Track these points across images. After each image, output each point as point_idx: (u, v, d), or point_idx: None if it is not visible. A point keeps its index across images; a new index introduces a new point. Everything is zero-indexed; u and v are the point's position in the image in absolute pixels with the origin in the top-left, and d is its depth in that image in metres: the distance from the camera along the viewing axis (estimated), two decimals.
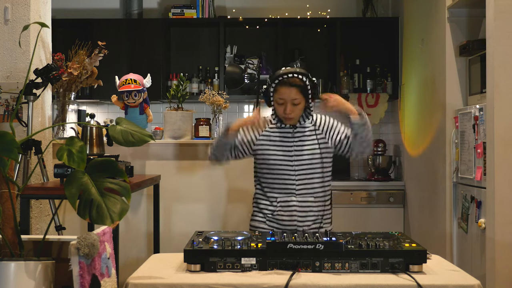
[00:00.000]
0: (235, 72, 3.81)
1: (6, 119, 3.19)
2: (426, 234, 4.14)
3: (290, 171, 2.54)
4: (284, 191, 2.56)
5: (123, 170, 1.65)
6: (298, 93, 2.47)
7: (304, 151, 2.55)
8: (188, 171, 3.77)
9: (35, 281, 1.51)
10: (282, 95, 2.48)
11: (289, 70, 2.49)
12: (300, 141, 2.56)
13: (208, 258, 1.92)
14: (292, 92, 2.46)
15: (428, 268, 1.97)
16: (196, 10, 5.14)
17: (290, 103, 2.48)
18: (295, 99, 2.47)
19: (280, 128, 2.59)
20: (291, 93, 2.46)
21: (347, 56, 5.18)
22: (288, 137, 2.57)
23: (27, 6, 3.20)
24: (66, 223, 3.42)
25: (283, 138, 2.57)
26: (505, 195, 2.95)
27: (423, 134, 4.27)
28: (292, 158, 2.54)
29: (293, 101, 2.47)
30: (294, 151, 2.55)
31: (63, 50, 3.53)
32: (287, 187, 2.55)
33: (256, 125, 2.57)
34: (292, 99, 2.47)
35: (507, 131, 2.96)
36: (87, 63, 3.42)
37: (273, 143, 2.57)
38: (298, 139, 2.56)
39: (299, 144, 2.55)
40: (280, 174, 2.55)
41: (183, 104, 3.85)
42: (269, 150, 2.57)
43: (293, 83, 2.46)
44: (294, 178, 2.54)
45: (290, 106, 2.48)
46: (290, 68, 2.52)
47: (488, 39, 3.04)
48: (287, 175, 2.54)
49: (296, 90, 2.47)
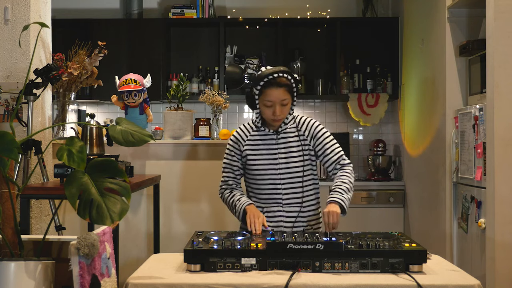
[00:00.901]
0: (235, 72, 3.78)
1: (6, 119, 3.19)
2: (426, 234, 4.14)
3: (275, 180, 2.46)
4: (270, 201, 2.48)
5: (123, 170, 1.65)
6: (286, 93, 2.37)
7: (290, 158, 2.45)
8: (188, 171, 3.77)
9: (35, 281, 1.51)
10: (270, 97, 2.36)
11: (274, 70, 2.36)
12: (285, 148, 2.46)
13: (208, 258, 1.92)
14: (280, 93, 2.35)
15: (428, 268, 1.96)
16: (196, 10, 5.14)
17: (279, 104, 2.36)
18: (284, 99, 2.36)
19: (263, 135, 2.48)
20: (280, 94, 2.35)
21: (347, 56, 5.18)
22: (272, 143, 2.47)
23: (27, 6, 3.20)
24: (66, 223, 3.42)
25: (267, 146, 2.47)
26: (505, 195, 2.95)
27: (423, 134, 4.27)
28: (277, 167, 2.45)
29: (282, 102, 2.37)
30: (279, 159, 2.45)
31: (63, 50, 3.53)
32: (273, 197, 2.47)
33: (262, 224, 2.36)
34: (281, 100, 2.36)
35: (507, 131, 2.95)
36: (87, 63, 3.42)
37: (256, 151, 2.48)
38: (283, 145, 2.46)
39: (283, 152, 2.45)
40: (265, 184, 2.47)
41: (183, 104, 3.85)
42: (253, 160, 2.48)
43: (280, 83, 2.35)
44: (280, 187, 2.46)
45: (279, 108, 2.37)
46: (273, 68, 2.38)
47: (488, 39, 3.04)
48: (273, 185, 2.47)
49: (284, 90, 2.36)
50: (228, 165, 2.56)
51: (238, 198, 2.47)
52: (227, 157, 2.56)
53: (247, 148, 2.50)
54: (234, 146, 2.54)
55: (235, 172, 2.55)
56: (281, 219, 2.47)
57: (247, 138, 2.52)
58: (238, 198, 2.47)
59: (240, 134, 2.55)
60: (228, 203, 2.53)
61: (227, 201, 2.53)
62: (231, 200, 2.50)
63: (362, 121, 5.07)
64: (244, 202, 2.44)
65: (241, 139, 2.53)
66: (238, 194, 2.51)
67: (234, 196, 2.50)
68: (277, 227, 2.46)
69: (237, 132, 2.57)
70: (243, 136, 2.54)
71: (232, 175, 2.56)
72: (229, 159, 2.55)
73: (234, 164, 2.54)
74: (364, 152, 5.32)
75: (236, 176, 2.56)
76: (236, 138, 2.55)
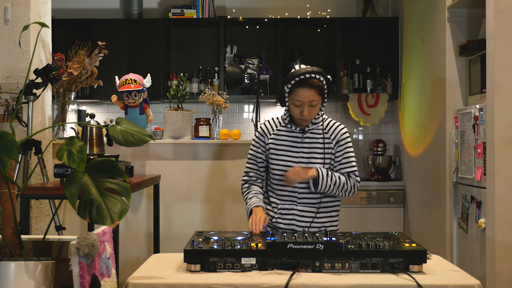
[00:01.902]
0: (235, 72, 3.81)
1: (6, 119, 3.19)
2: (426, 234, 4.14)
3: None
4: (286, 198, 2.48)
5: (123, 170, 1.65)
6: (316, 94, 2.35)
7: (312, 159, 2.44)
8: (188, 171, 3.77)
9: (35, 281, 1.51)
10: (300, 97, 2.35)
11: (307, 70, 2.35)
12: (308, 148, 2.45)
13: (208, 258, 1.92)
14: (310, 94, 2.34)
15: (428, 268, 1.96)
16: (196, 10, 5.14)
17: (308, 105, 2.35)
18: (313, 100, 2.35)
19: (289, 131, 2.48)
20: (310, 95, 2.34)
21: (347, 56, 5.18)
22: (297, 141, 2.46)
23: (27, 6, 3.20)
24: (66, 223, 3.42)
25: (291, 142, 2.47)
26: (505, 195, 2.95)
27: (423, 134, 4.27)
28: (298, 165, 2.43)
29: (311, 103, 2.35)
30: (301, 158, 2.44)
31: (63, 50, 3.53)
32: (289, 194, 2.46)
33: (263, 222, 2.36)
34: (310, 101, 2.35)
35: (507, 131, 2.95)
36: (87, 63, 3.42)
37: (280, 147, 2.48)
38: (307, 145, 2.45)
39: (306, 151, 2.45)
40: (283, 180, 2.44)
41: (183, 104, 3.85)
42: (275, 154, 2.48)
43: (312, 84, 2.34)
44: (297, 185, 2.44)
45: (308, 108, 2.36)
46: (307, 68, 2.37)
47: (488, 39, 3.04)
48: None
49: (314, 91, 2.34)
50: (252, 156, 2.56)
51: (251, 197, 2.48)
52: (252, 148, 2.57)
53: (271, 142, 2.50)
54: (260, 138, 2.55)
55: (258, 164, 2.55)
56: (294, 217, 2.45)
57: (273, 132, 2.52)
58: (250, 197, 2.48)
59: (267, 127, 2.55)
60: (244, 197, 2.55)
61: (243, 196, 2.56)
62: (245, 196, 2.53)
63: (362, 121, 5.07)
64: (253, 202, 2.45)
65: (267, 132, 2.54)
66: (253, 192, 2.51)
67: (249, 193, 2.51)
68: (289, 225, 2.45)
69: (264, 125, 2.57)
70: (270, 129, 2.54)
71: (255, 167, 2.55)
72: (254, 151, 2.56)
73: (259, 156, 2.54)
74: (364, 152, 5.32)
75: (259, 168, 2.55)
76: (263, 130, 2.55)
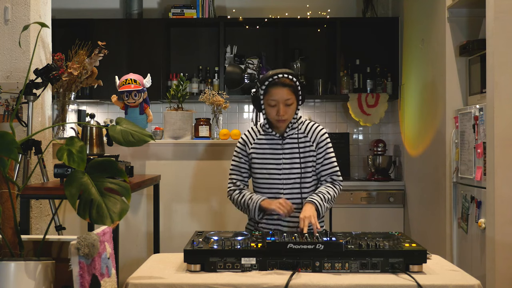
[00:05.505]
0: (235, 72, 3.80)
1: (6, 119, 3.19)
2: (426, 234, 4.14)
3: (278, 184, 2.49)
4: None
5: (123, 170, 1.65)
6: (290, 93, 2.43)
7: (293, 164, 2.49)
8: (188, 171, 3.77)
9: (35, 281, 1.51)
10: (274, 96, 2.43)
11: (278, 71, 2.45)
12: (289, 154, 2.50)
13: (208, 258, 1.92)
14: (284, 92, 2.42)
15: (428, 268, 1.97)
16: (196, 10, 5.15)
17: (283, 104, 2.43)
18: (287, 99, 2.43)
19: (269, 139, 2.53)
20: (284, 93, 2.42)
21: (347, 56, 5.18)
22: (277, 148, 2.51)
23: (27, 6, 3.20)
24: (66, 223, 3.42)
25: (272, 150, 2.52)
26: (505, 195, 2.95)
27: (423, 134, 4.27)
28: (281, 172, 2.49)
29: (285, 102, 2.43)
30: (283, 164, 2.49)
31: (63, 50, 3.53)
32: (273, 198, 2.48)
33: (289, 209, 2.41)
34: (285, 100, 2.43)
35: (507, 131, 2.95)
36: (87, 63, 3.42)
37: (261, 155, 2.53)
38: (288, 151, 2.50)
39: (287, 157, 2.49)
40: (268, 188, 2.51)
41: (183, 104, 3.85)
42: (257, 163, 2.53)
43: (284, 83, 2.43)
44: (282, 191, 2.49)
45: (283, 107, 2.43)
46: (278, 69, 2.48)
47: (488, 39, 3.04)
48: (275, 189, 2.50)
49: (288, 90, 2.43)
50: (236, 167, 2.59)
51: (250, 197, 2.50)
52: (235, 159, 2.60)
53: (253, 151, 2.54)
54: (242, 148, 2.58)
55: (242, 174, 2.58)
56: (279, 222, 2.50)
57: (254, 141, 2.56)
58: (250, 197, 2.50)
59: (248, 137, 2.60)
60: (239, 203, 2.54)
61: (237, 202, 2.55)
62: (242, 200, 2.52)
63: (362, 121, 5.07)
64: (257, 198, 2.47)
65: (248, 142, 2.58)
66: (248, 193, 2.53)
67: (244, 196, 2.52)
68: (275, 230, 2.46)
69: (245, 135, 2.62)
70: (250, 138, 2.58)
71: (239, 177, 2.59)
72: (236, 161, 2.59)
73: (242, 166, 2.58)
74: (364, 152, 5.32)
75: (244, 178, 2.59)
76: (244, 140, 2.59)
